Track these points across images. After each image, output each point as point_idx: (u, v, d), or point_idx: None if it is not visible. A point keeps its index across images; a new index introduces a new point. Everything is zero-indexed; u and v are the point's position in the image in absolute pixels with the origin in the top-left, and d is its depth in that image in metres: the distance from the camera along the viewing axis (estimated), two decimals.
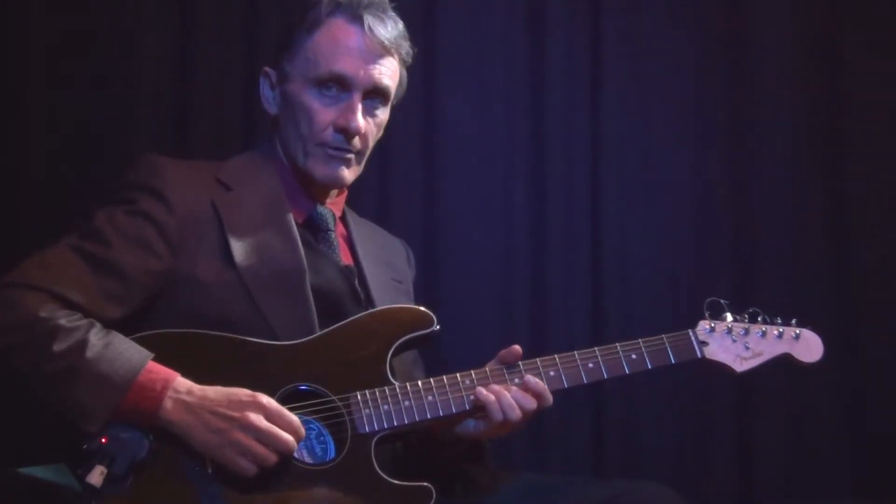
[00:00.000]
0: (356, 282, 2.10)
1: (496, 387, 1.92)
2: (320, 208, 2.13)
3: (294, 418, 1.81)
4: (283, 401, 1.83)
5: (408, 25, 2.14)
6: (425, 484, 1.87)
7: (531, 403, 1.93)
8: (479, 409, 1.93)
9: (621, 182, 2.99)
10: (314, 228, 2.10)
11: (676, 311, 2.92)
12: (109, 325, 1.84)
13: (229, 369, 1.84)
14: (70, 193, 2.62)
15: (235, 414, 1.77)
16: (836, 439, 2.97)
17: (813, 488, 2.94)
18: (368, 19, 2.05)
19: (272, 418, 1.79)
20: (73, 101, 2.66)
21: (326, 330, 1.94)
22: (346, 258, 2.14)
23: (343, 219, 2.21)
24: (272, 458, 1.78)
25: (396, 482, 1.86)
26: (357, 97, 2.05)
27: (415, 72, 2.15)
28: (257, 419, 1.77)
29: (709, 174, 3.03)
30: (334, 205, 2.17)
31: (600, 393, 2.90)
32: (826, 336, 2.91)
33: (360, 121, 2.05)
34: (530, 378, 1.94)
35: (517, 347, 1.99)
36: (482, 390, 1.92)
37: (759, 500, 2.95)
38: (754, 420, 2.97)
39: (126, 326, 1.86)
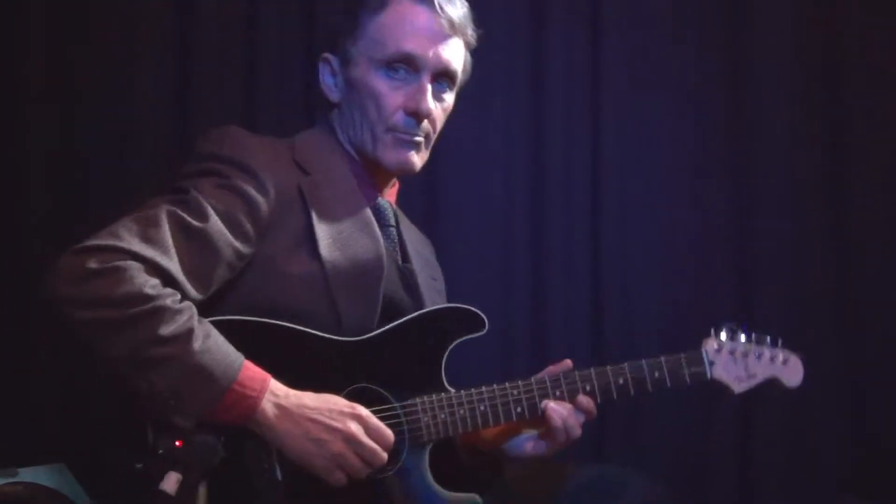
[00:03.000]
0: (413, 285, 2.05)
1: (560, 409, 1.93)
2: (381, 200, 2.07)
3: (389, 433, 1.78)
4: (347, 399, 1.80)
5: None
6: (474, 495, 1.89)
7: (583, 418, 1.96)
8: (530, 421, 1.95)
9: (622, 183, 2.98)
10: (378, 221, 2.02)
11: (676, 311, 2.92)
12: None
13: (295, 363, 1.78)
14: (70, 193, 2.62)
15: (338, 425, 1.73)
16: (836, 439, 2.97)
17: (813, 488, 2.94)
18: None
19: (370, 432, 1.76)
20: (73, 97, 2.66)
21: (387, 327, 1.89)
22: (400, 256, 2.09)
23: (395, 212, 2.13)
24: (365, 471, 1.76)
25: (447, 492, 1.87)
26: (426, 79, 1.97)
27: None
28: (359, 431, 1.74)
29: (709, 175, 3.02)
30: (390, 196, 2.10)
31: None
32: (826, 335, 2.96)
33: (431, 103, 1.98)
34: (582, 398, 1.95)
35: (568, 362, 2.00)
36: (552, 414, 1.92)
37: (759, 499, 2.95)
38: (754, 419, 2.96)
39: (196, 307, 1.75)
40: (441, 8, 1.97)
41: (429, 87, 1.97)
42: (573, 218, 2.95)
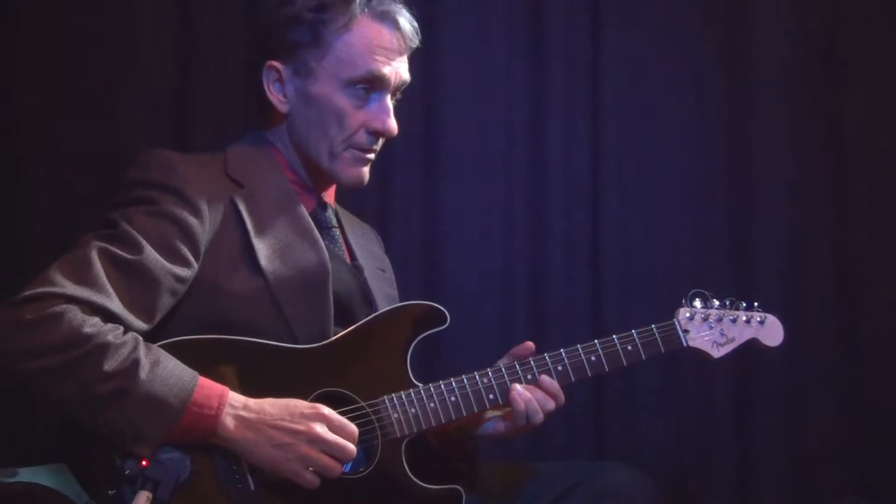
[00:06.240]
0: (363, 281, 2.07)
1: (524, 391, 1.95)
2: (322, 203, 2.08)
3: (352, 426, 1.80)
4: None
5: None
6: (456, 486, 1.90)
7: (550, 405, 1.97)
8: (502, 406, 1.97)
9: (621, 183, 2.99)
10: (319, 225, 2.03)
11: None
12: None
13: (257, 376, 1.80)
14: (70, 194, 2.62)
15: (301, 427, 1.74)
16: (836, 439, 2.97)
17: (813, 488, 2.94)
18: (399, 17, 2.00)
19: (335, 429, 1.77)
20: (72, 99, 2.66)
21: (347, 331, 1.92)
22: (348, 255, 2.11)
23: (335, 211, 2.16)
24: (336, 468, 1.77)
25: (427, 486, 1.88)
26: (388, 97, 2.00)
27: (415, 74, 2.12)
28: (324, 431, 1.75)
29: (708, 173, 3.03)
30: (328, 197, 2.12)
31: (600, 389, 2.92)
32: (827, 334, 2.96)
33: (395, 122, 2.01)
34: (545, 378, 1.97)
35: (530, 344, 2.02)
36: (514, 395, 1.94)
37: (759, 499, 2.95)
38: (754, 419, 2.97)
39: (145, 336, 1.76)
40: (402, 27, 2.00)
41: (391, 107, 2.01)
42: (573, 216, 2.97)
